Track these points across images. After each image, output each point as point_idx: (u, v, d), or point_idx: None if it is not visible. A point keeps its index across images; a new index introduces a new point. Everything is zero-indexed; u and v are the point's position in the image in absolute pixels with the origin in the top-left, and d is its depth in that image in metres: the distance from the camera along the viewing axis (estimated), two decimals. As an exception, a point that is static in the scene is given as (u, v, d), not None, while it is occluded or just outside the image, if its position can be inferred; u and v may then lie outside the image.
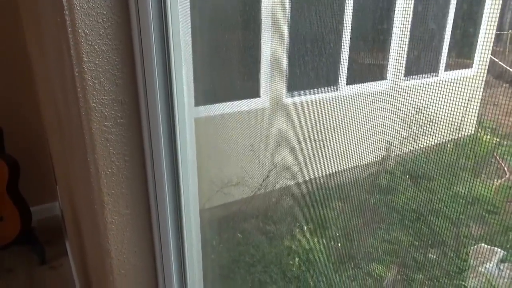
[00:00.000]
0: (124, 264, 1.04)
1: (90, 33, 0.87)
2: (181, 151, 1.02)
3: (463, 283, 2.65)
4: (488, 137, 3.45)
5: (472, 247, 2.86)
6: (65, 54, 1.02)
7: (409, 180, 3.42)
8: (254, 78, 3.08)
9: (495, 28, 3.39)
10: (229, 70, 3.12)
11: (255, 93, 3.08)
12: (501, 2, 3.09)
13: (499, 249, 2.76)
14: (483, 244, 2.84)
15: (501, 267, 2.71)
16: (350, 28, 3.38)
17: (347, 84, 3.48)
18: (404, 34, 3.79)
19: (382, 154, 3.45)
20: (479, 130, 3.55)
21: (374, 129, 3.82)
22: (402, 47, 3.77)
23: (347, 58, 3.51)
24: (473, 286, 2.64)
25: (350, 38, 3.49)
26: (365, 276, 2.73)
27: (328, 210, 3.25)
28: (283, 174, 3.29)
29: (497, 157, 3.57)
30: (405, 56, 3.75)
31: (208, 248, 2.79)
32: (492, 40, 3.46)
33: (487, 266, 2.72)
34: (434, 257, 2.89)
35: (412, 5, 3.66)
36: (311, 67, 3.58)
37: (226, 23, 3.00)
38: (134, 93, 0.97)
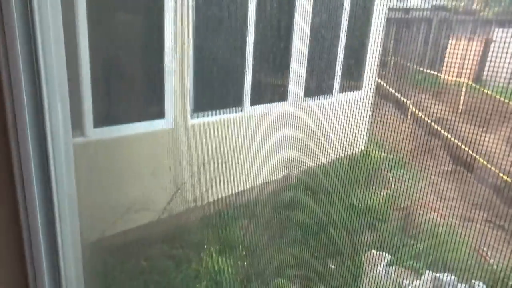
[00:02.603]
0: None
1: None
2: (52, 137, 0.90)
3: (359, 288, 2.89)
4: (377, 152, 3.85)
5: (365, 254, 3.13)
6: None
7: (310, 194, 3.65)
8: (159, 98, 3.00)
9: (379, 54, 3.79)
10: (132, 89, 3.00)
11: (160, 114, 3.01)
12: (383, 32, 3.49)
13: (386, 254, 3.08)
14: (373, 251, 3.13)
15: (388, 270, 3.03)
16: (252, 50, 3.52)
17: (251, 104, 3.60)
18: (302, 59, 4.06)
19: (285, 171, 3.62)
20: (370, 145, 3.93)
21: (276, 147, 3.96)
22: (301, 70, 4.04)
23: (251, 79, 3.64)
24: (365, 290, 2.89)
25: (253, 60, 3.64)
26: (272, 292, 2.80)
27: (235, 229, 3.28)
28: (188, 197, 3.24)
29: (385, 170, 4.00)
30: (304, 78, 4.02)
31: (99, 271, 2.60)
32: (377, 64, 3.87)
33: (377, 270, 3.00)
34: (333, 266, 3.10)
35: (309, 26, 3.92)
36: (216, 87, 3.63)
37: (128, 40, 2.89)
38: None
